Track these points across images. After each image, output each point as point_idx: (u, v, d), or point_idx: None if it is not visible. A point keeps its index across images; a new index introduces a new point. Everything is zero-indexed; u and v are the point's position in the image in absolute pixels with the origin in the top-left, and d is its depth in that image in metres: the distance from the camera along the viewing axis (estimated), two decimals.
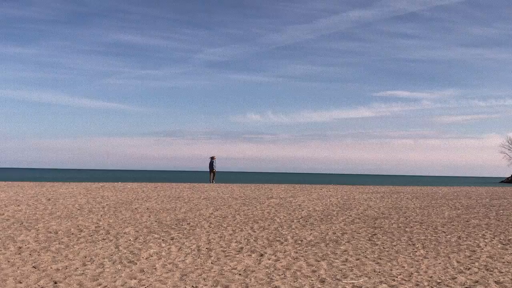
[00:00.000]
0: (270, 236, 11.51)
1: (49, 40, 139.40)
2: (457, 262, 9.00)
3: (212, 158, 33.70)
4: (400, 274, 8.01)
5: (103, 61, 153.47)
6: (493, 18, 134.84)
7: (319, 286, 7.23)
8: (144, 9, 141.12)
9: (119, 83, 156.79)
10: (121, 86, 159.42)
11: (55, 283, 7.13)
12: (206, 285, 7.17)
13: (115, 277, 7.56)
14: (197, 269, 8.15)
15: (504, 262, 8.99)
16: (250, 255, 9.34)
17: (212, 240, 10.84)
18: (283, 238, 11.22)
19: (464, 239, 11.44)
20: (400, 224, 13.69)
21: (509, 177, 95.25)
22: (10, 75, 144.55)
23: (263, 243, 10.61)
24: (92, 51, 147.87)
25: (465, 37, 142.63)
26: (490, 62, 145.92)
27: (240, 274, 7.84)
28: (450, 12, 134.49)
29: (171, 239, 10.83)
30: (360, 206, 18.26)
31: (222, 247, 10.08)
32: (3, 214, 14.17)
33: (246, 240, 10.92)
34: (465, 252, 9.93)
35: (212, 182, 32.66)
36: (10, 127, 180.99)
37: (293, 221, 13.97)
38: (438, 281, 7.61)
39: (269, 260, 8.93)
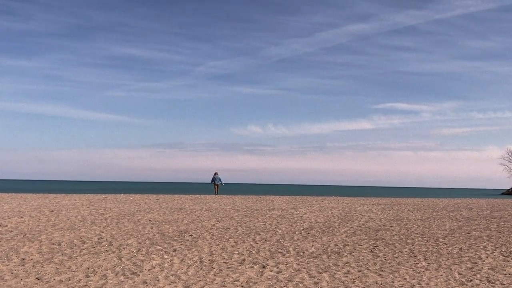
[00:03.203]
0: (272, 247, 11.54)
1: (52, 53, 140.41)
2: (459, 274, 9.02)
3: (216, 174, 36.11)
4: (402, 286, 8.04)
5: (105, 74, 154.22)
6: (491, 32, 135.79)
7: None
8: (146, 23, 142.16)
9: (121, 96, 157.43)
10: (123, 99, 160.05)
11: None
12: None
13: None
14: (200, 280, 8.19)
15: (505, 274, 9.01)
16: (252, 266, 9.38)
17: (214, 251, 10.88)
18: (285, 250, 11.25)
19: (466, 251, 11.46)
20: (402, 236, 13.71)
21: (509, 189, 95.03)
22: (13, 87, 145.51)
23: (265, 254, 10.64)
24: (94, 64, 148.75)
25: (463, 50, 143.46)
26: (488, 75, 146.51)
27: (242, 286, 7.87)
28: (448, 25, 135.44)
29: (174, 251, 10.87)
30: (362, 218, 18.27)
31: (224, 258, 10.12)
32: (6, 225, 14.23)
33: (248, 251, 10.96)
34: (466, 264, 9.95)
35: (216, 194, 34.84)
36: (13, 139, 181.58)
37: (295, 233, 14.00)
38: None
39: (271, 272, 8.97)
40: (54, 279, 8.08)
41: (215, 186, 35.42)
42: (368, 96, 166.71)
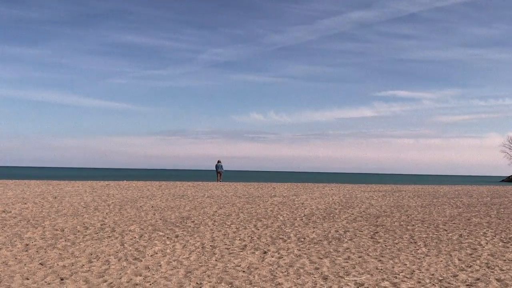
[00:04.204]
0: (273, 234, 11.62)
1: (54, 40, 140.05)
2: (459, 259, 9.09)
3: (219, 161, 37.00)
4: (402, 272, 8.11)
5: (107, 61, 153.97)
6: (492, 19, 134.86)
7: (322, 283, 7.33)
8: (148, 10, 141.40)
9: (123, 83, 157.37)
10: (125, 86, 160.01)
11: (62, 279, 7.26)
12: (210, 282, 7.29)
13: (120, 274, 7.68)
14: (201, 266, 8.27)
15: (505, 260, 9.08)
16: (254, 252, 9.46)
17: (216, 237, 10.96)
18: (286, 236, 11.33)
19: (466, 237, 11.52)
20: (402, 222, 13.78)
21: (510, 176, 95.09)
22: (15, 75, 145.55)
23: (267, 240, 10.72)
24: (96, 51, 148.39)
25: (465, 37, 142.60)
26: (490, 62, 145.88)
27: (244, 271, 7.95)
28: (449, 13, 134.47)
29: (176, 237, 10.95)
30: (362, 205, 18.35)
31: (226, 244, 10.20)
32: (10, 211, 14.34)
33: (249, 237, 11.04)
34: (466, 250, 10.02)
35: (220, 181, 35.53)
36: (16, 126, 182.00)
37: (296, 219, 14.08)
38: (440, 278, 7.71)
39: (272, 257, 9.05)
40: (58, 265, 8.16)
41: (218, 173, 36.23)
42: (369, 84, 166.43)
